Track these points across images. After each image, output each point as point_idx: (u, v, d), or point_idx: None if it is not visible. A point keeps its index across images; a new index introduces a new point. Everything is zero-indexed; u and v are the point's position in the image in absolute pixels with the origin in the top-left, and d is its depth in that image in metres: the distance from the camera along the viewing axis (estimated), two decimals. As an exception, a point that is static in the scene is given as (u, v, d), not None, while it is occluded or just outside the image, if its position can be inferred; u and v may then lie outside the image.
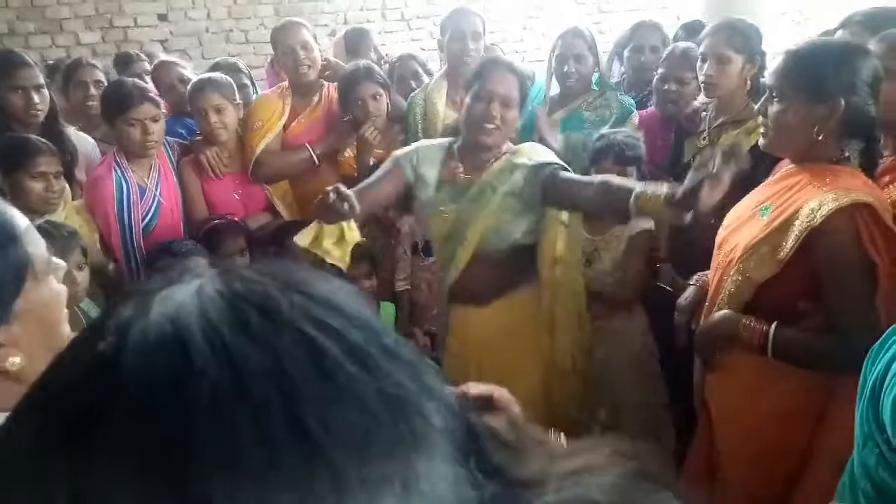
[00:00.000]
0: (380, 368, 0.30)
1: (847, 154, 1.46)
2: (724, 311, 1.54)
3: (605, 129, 2.25)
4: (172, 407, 0.26)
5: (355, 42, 3.12)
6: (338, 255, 1.76)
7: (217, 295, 0.30)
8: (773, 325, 1.44)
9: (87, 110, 2.75)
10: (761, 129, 1.52)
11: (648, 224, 2.09)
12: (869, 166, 1.47)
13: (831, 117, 1.40)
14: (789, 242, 1.39)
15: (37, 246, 0.75)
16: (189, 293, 0.30)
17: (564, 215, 1.93)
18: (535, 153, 1.93)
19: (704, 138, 2.23)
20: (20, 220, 0.75)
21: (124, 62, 3.61)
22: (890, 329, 1.03)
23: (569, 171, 1.88)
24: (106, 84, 2.68)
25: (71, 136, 2.39)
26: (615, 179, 1.76)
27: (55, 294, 0.78)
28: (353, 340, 0.30)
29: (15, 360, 0.73)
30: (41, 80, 2.32)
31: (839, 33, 1.92)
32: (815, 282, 1.41)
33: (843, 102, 1.38)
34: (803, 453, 1.45)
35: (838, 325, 1.39)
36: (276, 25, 2.67)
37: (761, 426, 1.51)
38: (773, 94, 1.46)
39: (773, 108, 1.46)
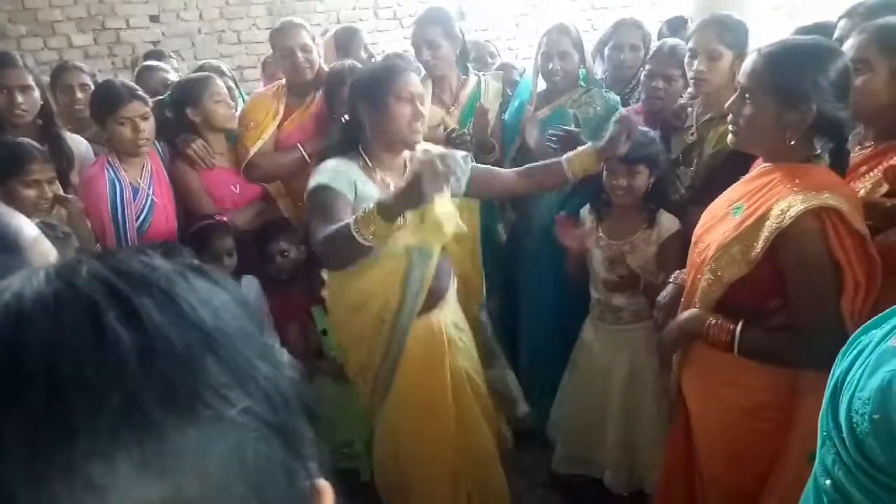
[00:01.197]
0: (161, 336, 0.32)
1: (819, 151, 1.47)
2: (692, 310, 1.56)
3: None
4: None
5: (345, 41, 3.13)
6: (448, 228, 1.73)
7: (49, 277, 0.34)
8: (740, 324, 1.47)
9: (75, 113, 2.76)
10: (730, 127, 1.53)
11: (677, 226, 2.10)
12: (839, 165, 1.48)
13: (803, 122, 1.41)
14: (759, 243, 1.40)
15: (47, 255, 0.73)
16: (21, 281, 0.34)
17: None
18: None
19: (692, 133, 2.23)
20: (29, 230, 0.73)
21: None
22: (861, 328, 1.04)
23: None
24: (93, 86, 2.69)
25: (67, 139, 2.39)
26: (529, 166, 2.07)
27: None
28: (149, 316, 0.33)
29: None
30: (28, 80, 2.30)
31: (842, 23, 1.94)
32: (783, 281, 1.42)
33: (814, 108, 1.38)
34: (776, 447, 1.47)
35: (801, 325, 1.41)
36: (275, 26, 2.67)
37: (734, 421, 1.53)
38: (745, 95, 1.46)
39: (745, 109, 1.47)
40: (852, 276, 1.35)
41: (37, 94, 2.33)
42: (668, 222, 2.13)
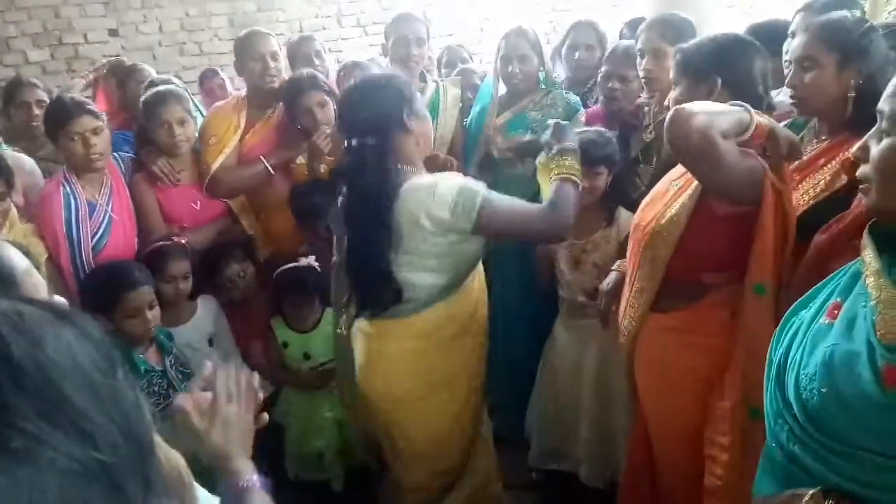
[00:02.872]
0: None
1: None
2: (614, 273, 1.74)
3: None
4: None
5: (293, 53, 3.08)
6: None
7: None
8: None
9: (32, 130, 2.70)
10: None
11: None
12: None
13: (711, 94, 1.61)
14: (695, 195, 1.55)
15: (38, 288, 0.73)
16: None
17: None
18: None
19: (650, 132, 2.27)
20: (19, 260, 0.73)
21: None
22: (789, 311, 1.11)
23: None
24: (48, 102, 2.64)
25: (7, 157, 2.34)
26: None
27: None
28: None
29: None
30: None
31: (797, 17, 2.04)
32: (717, 253, 1.55)
33: (719, 81, 1.61)
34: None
35: None
36: (243, 34, 2.65)
37: (682, 403, 1.59)
38: (675, 85, 1.72)
39: (673, 94, 1.73)
40: (775, 217, 1.47)
41: None
42: (628, 219, 2.15)
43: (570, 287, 2.24)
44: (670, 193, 1.63)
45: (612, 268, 1.91)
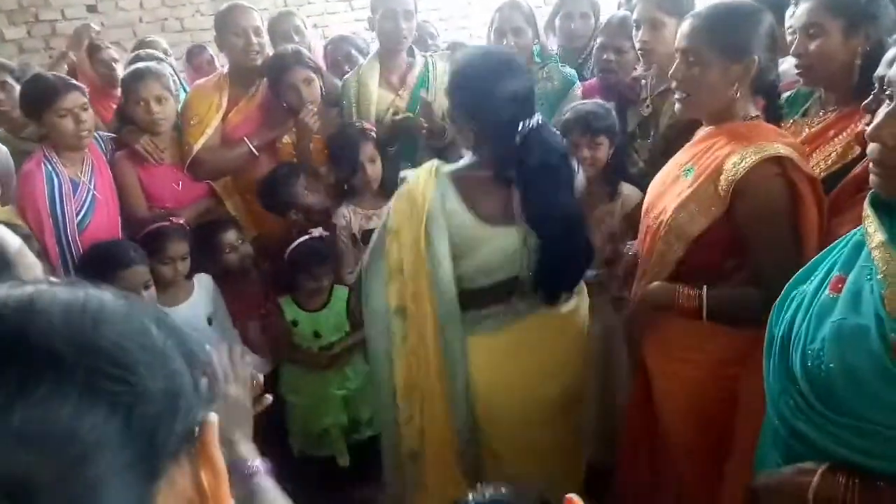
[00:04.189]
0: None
1: (757, 113, 1.52)
2: (657, 283, 1.57)
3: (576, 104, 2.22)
4: None
5: (273, 28, 2.98)
6: None
7: None
8: (704, 289, 1.49)
9: (5, 115, 2.60)
10: (676, 95, 1.56)
11: (640, 195, 2.06)
12: (774, 121, 1.55)
13: (747, 74, 1.46)
14: (716, 197, 1.43)
15: (32, 268, 0.73)
16: None
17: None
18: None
19: (648, 106, 2.24)
20: (11, 240, 0.72)
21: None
22: (788, 284, 1.10)
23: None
24: (15, 85, 2.55)
25: None
26: None
27: None
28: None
29: None
30: None
31: None
32: (740, 238, 1.45)
33: (756, 59, 1.45)
34: (735, 401, 1.49)
35: (764, 277, 1.42)
36: (224, 8, 2.54)
37: (696, 386, 1.55)
38: (689, 58, 1.50)
39: (689, 71, 1.50)
40: (813, 212, 1.40)
41: None
42: (631, 193, 2.12)
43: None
44: (682, 183, 1.53)
45: (626, 249, 1.84)
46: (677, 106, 1.58)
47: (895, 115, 0.94)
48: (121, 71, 3.04)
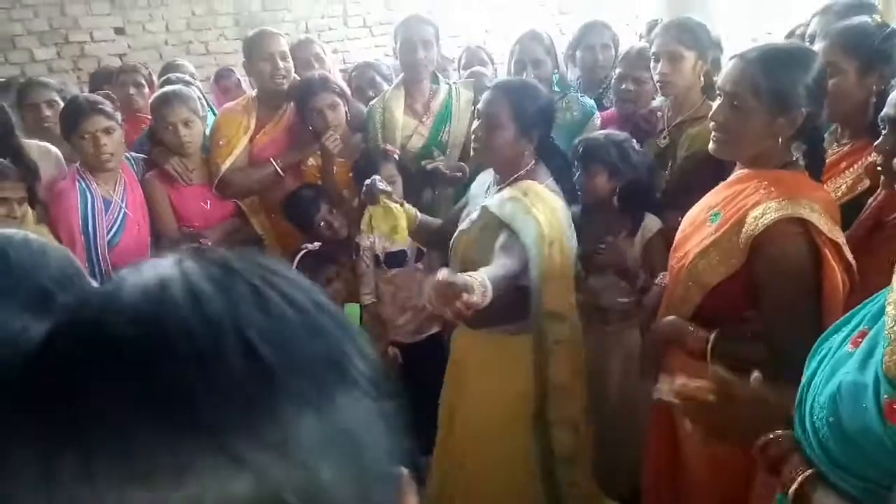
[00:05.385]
0: (310, 312, 0.36)
1: (795, 157, 1.48)
2: (671, 317, 1.56)
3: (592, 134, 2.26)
4: (159, 340, 0.32)
5: (293, 55, 3.04)
6: (392, 233, 2.03)
7: (193, 263, 0.36)
8: (713, 335, 1.46)
9: (44, 131, 2.69)
10: (713, 135, 1.51)
11: (659, 224, 2.11)
12: (815, 168, 1.49)
13: (792, 127, 1.40)
14: (736, 249, 1.40)
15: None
16: (169, 262, 0.36)
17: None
18: (512, 198, 1.81)
19: (665, 137, 2.27)
20: (69, 252, 0.73)
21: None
22: (823, 335, 1.07)
23: (505, 236, 1.77)
24: (61, 102, 2.64)
25: (33, 151, 2.33)
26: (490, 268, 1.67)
27: None
28: (294, 295, 0.36)
29: None
30: None
31: (815, 20, 1.98)
32: (756, 292, 1.41)
33: (804, 112, 1.38)
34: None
35: (770, 335, 1.39)
36: (251, 34, 2.63)
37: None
38: (734, 102, 1.43)
39: (732, 116, 1.44)
40: (840, 275, 1.34)
41: None
42: (649, 222, 2.14)
43: (592, 293, 2.17)
44: (707, 229, 1.49)
45: (655, 282, 1.84)
46: (712, 145, 1.51)
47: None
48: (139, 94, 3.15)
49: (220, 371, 0.31)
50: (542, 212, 1.76)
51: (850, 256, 1.37)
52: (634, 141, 2.18)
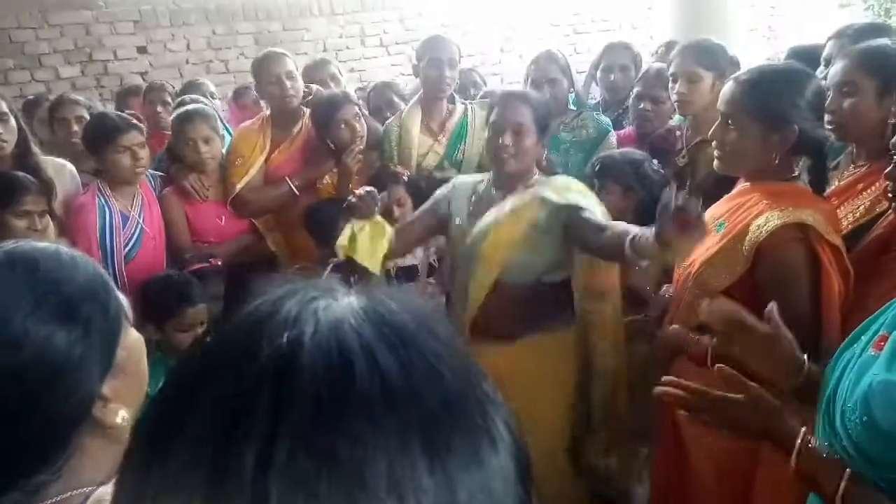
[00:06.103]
0: (470, 380, 0.39)
1: (797, 172, 1.55)
2: (674, 326, 1.62)
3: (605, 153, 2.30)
4: (337, 406, 0.34)
5: (310, 76, 3.04)
6: (370, 260, 1.93)
7: (368, 317, 0.38)
8: (714, 341, 1.46)
9: (73, 146, 2.75)
10: (716, 152, 1.59)
11: None
12: (818, 182, 1.56)
13: (786, 142, 1.48)
14: (740, 257, 1.46)
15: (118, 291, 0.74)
16: (344, 309, 0.38)
17: None
18: (564, 189, 1.90)
19: (683, 156, 2.28)
20: (98, 265, 0.74)
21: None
22: (842, 345, 1.11)
23: (589, 212, 1.82)
24: (88, 118, 2.70)
25: (48, 167, 2.37)
26: (627, 228, 1.65)
27: (140, 340, 0.76)
28: (456, 364, 0.39)
29: (125, 415, 0.69)
30: (3, 108, 2.26)
31: (830, 43, 2.02)
32: (761, 296, 1.43)
33: (796, 128, 1.46)
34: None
35: None
36: (258, 56, 2.68)
37: (720, 442, 1.50)
38: (728, 122, 1.52)
39: (729, 135, 1.53)
40: (837, 281, 1.40)
41: (13, 122, 2.28)
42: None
43: None
44: (713, 238, 1.54)
45: (663, 292, 1.87)
46: (716, 162, 1.61)
47: None
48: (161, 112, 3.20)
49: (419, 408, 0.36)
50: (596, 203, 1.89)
51: (848, 263, 1.43)
52: (655, 160, 2.19)
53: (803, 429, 1.03)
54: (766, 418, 1.05)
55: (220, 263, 2.35)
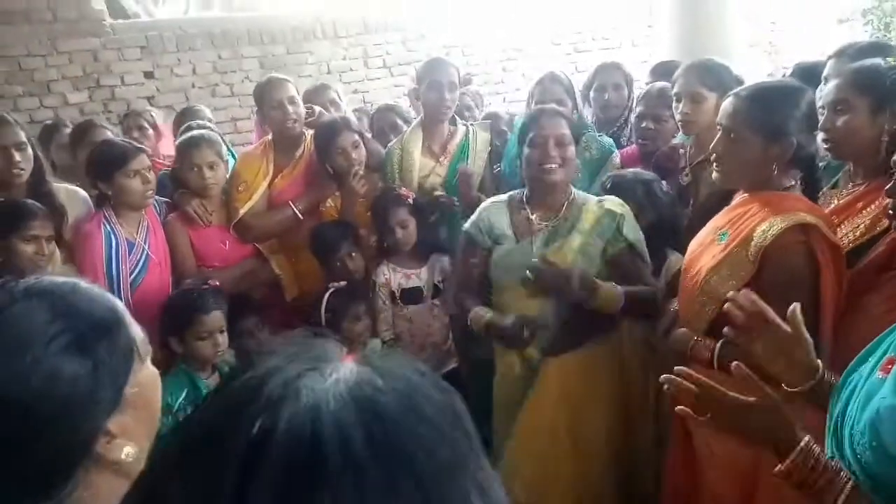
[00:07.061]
0: (457, 462, 0.39)
1: (793, 182, 1.60)
2: (681, 330, 1.67)
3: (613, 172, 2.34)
4: (302, 498, 0.34)
5: (310, 100, 3.04)
6: None
7: (351, 400, 0.38)
8: (719, 343, 1.54)
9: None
10: (715, 166, 1.64)
11: (681, 261, 2.13)
12: (811, 193, 1.62)
13: (785, 154, 1.54)
14: (746, 262, 1.51)
15: (134, 325, 0.75)
16: (328, 391, 0.38)
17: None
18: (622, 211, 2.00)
19: (687, 175, 2.29)
20: (117, 302, 0.75)
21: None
22: (849, 367, 1.11)
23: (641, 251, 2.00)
24: None
25: (61, 194, 2.40)
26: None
27: (155, 376, 0.76)
28: (441, 449, 0.39)
29: (130, 451, 0.69)
30: (22, 137, 2.30)
31: (830, 62, 2.04)
32: (766, 300, 1.47)
33: (794, 141, 1.53)
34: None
35: None
36: (261, 82, 2.71)
37: (735, 448, 1.52)
38: (730, 134, 1.57)
39: (730, 147, 1.58)
40: (832, 281, 1.45)
41: (30, 151, 2.32)
42: (673, 259, 2.15)
43: None
44: (716, 247, 1.60)
45: (669, 306, 1.88)
46: (715, 175, 1.66)
47: None
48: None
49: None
50: None
51: (844, 266, 1.50)
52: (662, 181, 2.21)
53: (806, 437, 1.03)
54: (776, 427, 1.05)
55: (218, 284, 2.33)
